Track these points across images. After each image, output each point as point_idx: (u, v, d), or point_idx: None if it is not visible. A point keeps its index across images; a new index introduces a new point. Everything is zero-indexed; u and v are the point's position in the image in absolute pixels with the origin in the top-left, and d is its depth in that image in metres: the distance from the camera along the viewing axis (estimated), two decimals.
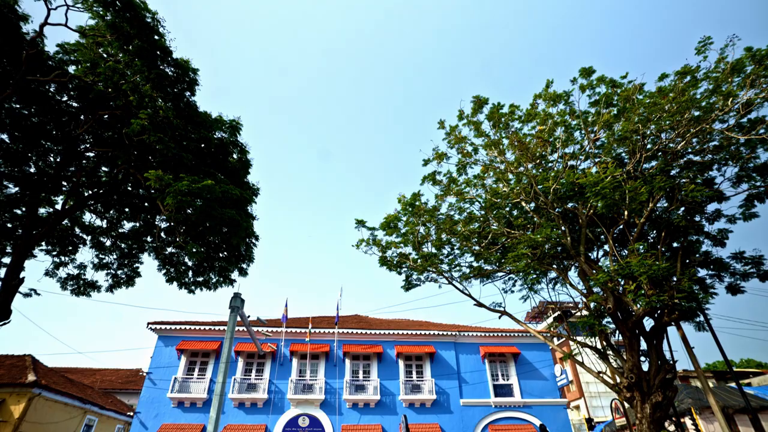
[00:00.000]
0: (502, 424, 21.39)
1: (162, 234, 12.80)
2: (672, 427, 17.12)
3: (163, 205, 10.13)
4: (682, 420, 15.11)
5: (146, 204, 12.57)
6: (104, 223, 13.15)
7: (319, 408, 20.83)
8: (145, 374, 21.05)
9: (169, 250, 13.09)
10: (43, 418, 21.01)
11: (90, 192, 12.32)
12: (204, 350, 21.77)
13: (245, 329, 19.82)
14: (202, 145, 11.44)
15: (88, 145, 11.37)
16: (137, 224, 12.95)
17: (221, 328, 21.94)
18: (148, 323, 21.88)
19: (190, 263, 12.96)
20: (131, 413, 22.76)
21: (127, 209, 12.83)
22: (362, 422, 20.64)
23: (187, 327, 22.06)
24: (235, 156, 12.28)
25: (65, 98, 10.55)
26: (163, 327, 21.90)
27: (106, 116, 10.79)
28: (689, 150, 12.13)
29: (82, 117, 10.69)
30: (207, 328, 22.15)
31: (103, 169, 12.05)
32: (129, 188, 12.33)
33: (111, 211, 13.02)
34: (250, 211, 12.38)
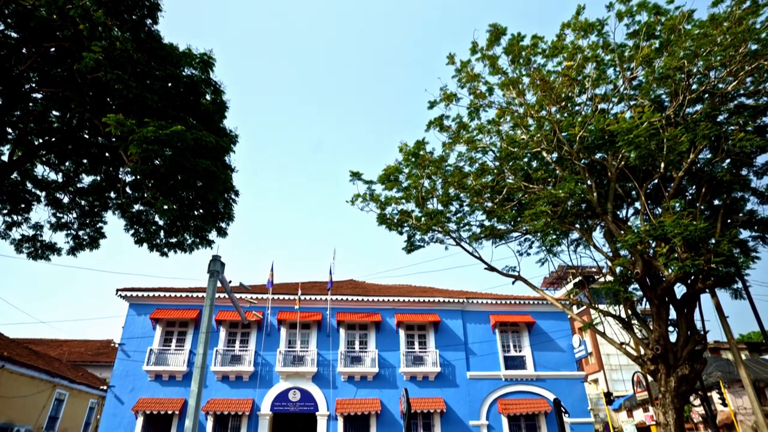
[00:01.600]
0: (512, 399, 22.33)
1: (127, 189, 12.72)
2: (697, 401, 17.91)
3: (127, 155, 9.98)
4: (708, 394, 15.74)
5: (107, 154, 12.39)
6: (59, 177, 13.03)
7: (311, 381, 21.64)
8: (117, 346, 21.67)
9: (137, 207, 13.05)
10: (9, 392, 21.83)
11: (40, 140, 12.12)
12: (181, 319, 22.30)
13: (227, 296, 20.19)
14: (169, 84, 11.12)
15: (34, 85, 11.04)
16: (98, 178, 12.82)
17: (200, 295, 22.35)
18: (118, 290, 22.27)
19: (161, 222, 12.96)
20: (104, 387, 23.62)
21: (85, 161, 12.66)
22: (359, 396, 21.51)
23: (162, 294, 22.47)
24: (208, 97, 11.98)
25: (2, 27, 10.12)
26: (134, 294, 22.30)
27: (52, 49, 10.40)
28: (741, 92, 11.85)
29: (24, 51, 10.32)
30: (184, 295, 22.57)
31: (54, 113, 11.78)
32: (86, 136, 12.11)
33: (67, 163, 12.86)
34: (228, 161, 12.25)
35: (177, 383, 20.99)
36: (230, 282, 14.21)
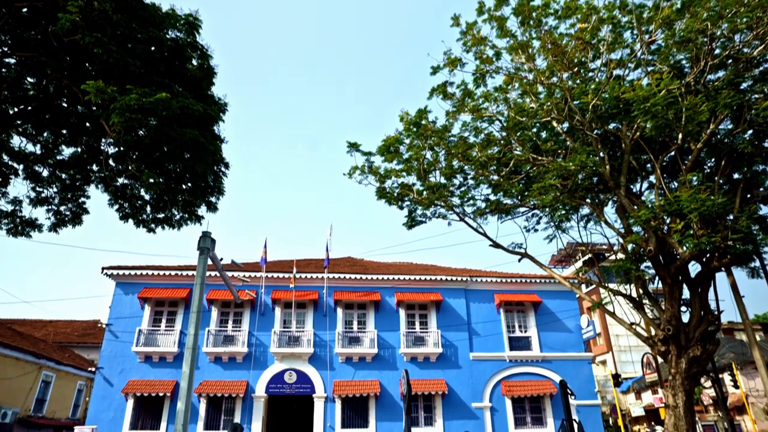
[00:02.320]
0: (517, 380, 22.76)
1: (110, 161, 12.63)
2: (708, 383, 18.27)
3: (108, 125, 9.87)
4: (720, 376, 16.05)
5: (87, 124, 12.26)
6: (38, 149, 12.93)
7: (307, 363, 22.00)
8: (104, 326, 21.94)
9: (121, 180, 12.98)
10: None
11: (16, 109, 11.98)
12: (171, 299, 22.52)
13: (218, 274, 20.31)
14: (152, 48, 10.92)
15: (6, 49, 10.85)
16: (78, 150, 12.72)
17: (190, 273, 22.51)
18: (103, 268, 22.41)
19: (147, 197, 12.92)
20: (92, 369, 24.04)
21: (64, 131, 12.54)
22: (357, 378, 21.91)
23: (150, 272, 22.62)
24: (194, 62, 11.78)
25: None
26: (121, 273, 22.45)
27: (25, 9, 10.18)
28: None
29: None
30: (173, 273, 22.73)
31: (29, 79, 11.61)
32: (64, 104, 11.96)
33: (45, 134, 12.73)
34: (217, 131, 12.14)
35: (168, 365, 21.33)
36: (221, 259, 14.28)
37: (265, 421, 21.80)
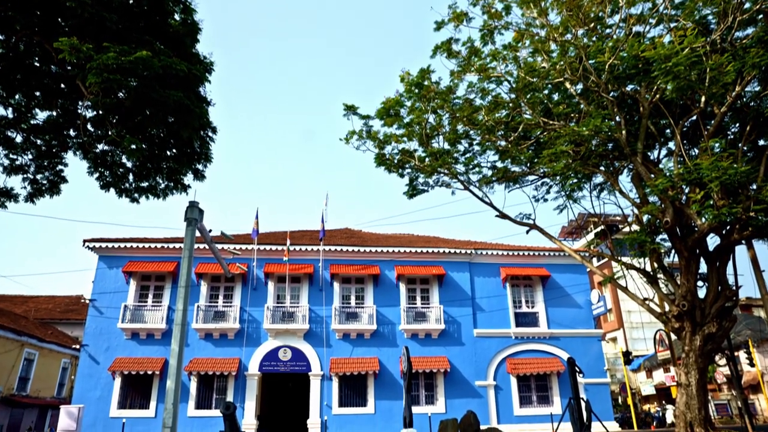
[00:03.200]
0: (522, 358, 23.16)
1: (88, 126, 12.50)
2: (723, 361, 18.61)
3: (85, 86, 9.73)
4: (735, 353, 16.34)
5: (62, 85, 12.10)
6: (9, 113, 12.79)
7: (302, 339, 22.33)
8: (87, 302, 22.17)
9: (100, 147, 12.89)
10: None
11: None
12: (158, 273, 22.69)
13: (207, 247, 20.40)
14: (131, 2, 10.69)
15: None
16: (53, 113, 12.59)
17: (177, 245, 22.61)
18: (85, 241, 22.49)
19: (129, 164, 12.85)
20: (77, 346, 24.41)
21: (37, 93, 12.38)
22: (355, 355, 22.28)
23: (135, 245, 22.72)
24: (177, 17, 11.54)
25: None
26: (104, 245, 22.55)
27: None
28: None
29: None
30: (159, 246, 22.84)
31: None
32: (36, 64, 11.78)
33: (16, 96, 12.57)
34: (203, 93, 12.00)
35: (156, 342, 21.65)
36: (210, 231, 14.34)
37: (259, 399, 22.27)
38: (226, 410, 12.37)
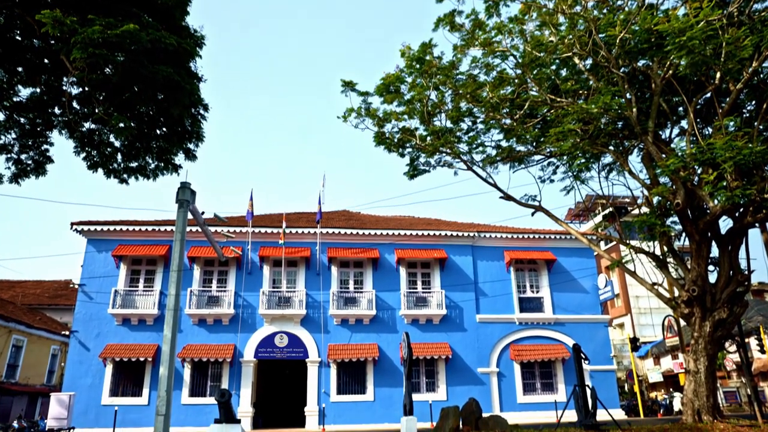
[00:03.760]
0: (526, 344, 23.37)
1: (74, 103, 12.43)
2: (733, 348, 18.80)
3: (70, 61, 9.65)
4: (746, 340, 16.47)
5: (46, 61, 12.00)
6: None
7: (299, 325, 22.50)
8: (76, 286, 22.28)
9: (87, 125, 12.83)
10: None
11: None
12: (149, 256, 22.76)
13: (199, 230, 20.42)
14: None
15: None
16: (37, 90, 12.51)
17: (169, 228, 22.65)
18: (73, 224, 22.51)
19: (117, 143, 12.81)
20: (66, 332, 24.59)
21: (19, 68, 12.28)
22: (354, 341, 22.47)
23: (125, 228, 22.75)
24: None
25: None
26: (92, 228, 22.58)
27: None
28: None
29: None
30: (150, 228, 22.87)
31: None
32: (18, 38, 11.66)
33: None
34: (194, 69, 11.92)
35: (148, 327, 21.81)
36: (203, 213, 14.34)
37: (255, 387, 22.54)
38: (221, 398, 12.51)
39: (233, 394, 21.10)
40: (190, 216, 13.30)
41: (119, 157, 13.09)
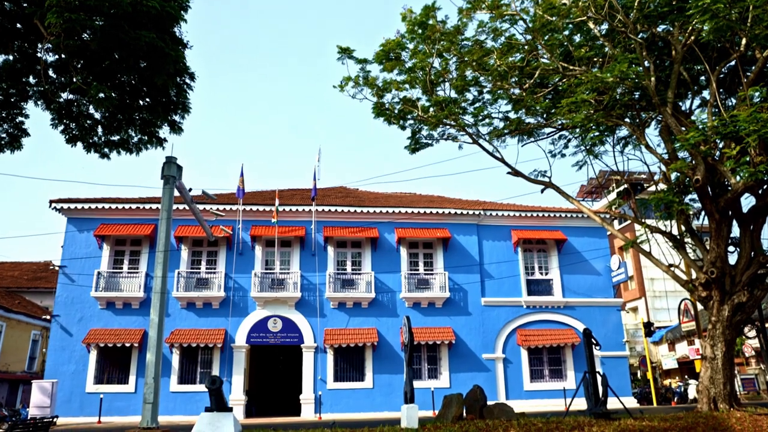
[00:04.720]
0: (534, 329, 23.57)
1: (50, 72, 12.34)
2: (752, 333, 18.97)
3: (44, 26, 9.56)
4: (766, 325, 16.61)
5: (19, 25, 11.88)
6: None
7: (294, 309, 22.66)
8: (57, 268, 22.37)
9: (65, 96, 12.75)
10: None
11: None
12: (133, 236, 22.81)
13: (187, 207, 20.42)
14: None
15: None
16: (10, 57, 12.40)
17: (154, 206, 22.63)
18: (51, 201, 22.51)
19: (97, 115, 12.74)
20: (47, 317, 24.78)
21: None
22: (351, 326, 22.65)
23: (107, 206, 22.76)
24: None
25: None
26: (73, 207, 22.59)
27: None
28: None
29: None
30: (134, 206, 22.88)
31: None
32: None
33: None
34: (179, 34, 11.81)
35: (134, 311, 21.97)
36: (191, 190, 14.34)
37: (248, 373, 22.80)
38: (212, 385, 12.63)
39: (224, 381, 21.35)
40: (176, 193, 13.31)
41: (100, 129, 13.03)
